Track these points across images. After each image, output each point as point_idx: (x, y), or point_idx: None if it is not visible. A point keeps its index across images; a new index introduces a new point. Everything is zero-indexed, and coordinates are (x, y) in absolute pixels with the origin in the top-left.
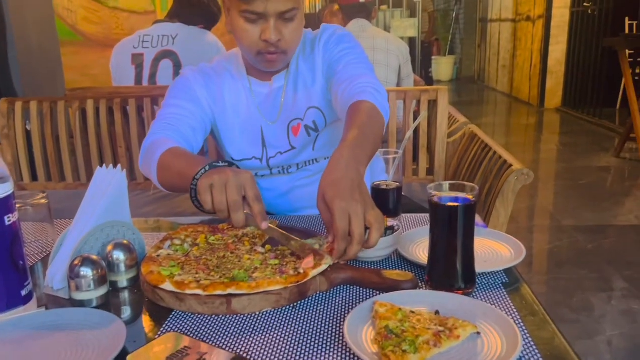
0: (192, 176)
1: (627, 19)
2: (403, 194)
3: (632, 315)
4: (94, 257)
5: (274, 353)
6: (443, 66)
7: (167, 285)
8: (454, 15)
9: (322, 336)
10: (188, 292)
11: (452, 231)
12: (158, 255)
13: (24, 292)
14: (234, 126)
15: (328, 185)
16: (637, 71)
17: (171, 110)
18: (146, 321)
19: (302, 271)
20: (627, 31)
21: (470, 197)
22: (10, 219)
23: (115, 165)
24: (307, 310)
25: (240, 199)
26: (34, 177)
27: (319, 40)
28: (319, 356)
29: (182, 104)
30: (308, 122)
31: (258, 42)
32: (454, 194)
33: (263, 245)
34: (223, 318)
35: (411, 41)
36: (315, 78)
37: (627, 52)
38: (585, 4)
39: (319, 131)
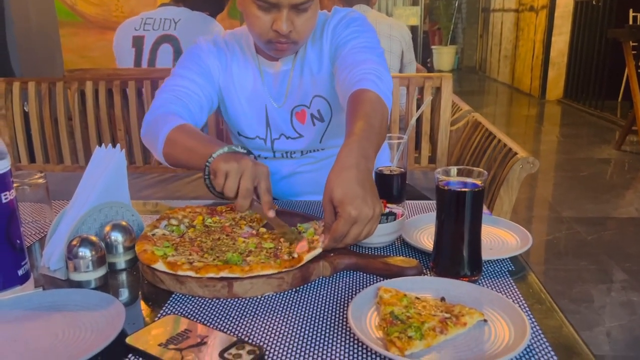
0: (209, 154)
1: (631, 10)
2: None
3: (631, 307)
4: (93, 237)
5: (275, 337)
6: (444, 56)
7: (160, 265)
8: (456, 4)
9: (325, 321)
10: (180, 273)
11: (459, 217)
12: (153, 234)
13: (20, 272)
14: (240, 102)
15: (338, 187)
16: None
17: (180, 82)
18: (145, 303)
19: (295, 255)
20: (631, 22)
21: (478, 182)
22: (7, 197)
23: None
24: (310, 295)
25: (252, 188)
26: (32, 159)
27: (328, 24)
28: (322, 341)
29: (192, 77)
30: (313, 110)
31: (269, 31)
32: (461, 179)
33: (258, 230)
34: (224, 301)
35: (413, 29)
36: (321, 64)
37: (631, 43)
38: None
39: (324, 121)
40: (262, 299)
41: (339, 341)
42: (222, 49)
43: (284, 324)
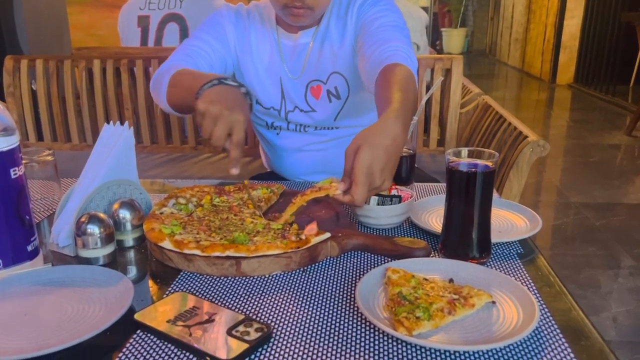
0: (199, 88)
1: None
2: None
3: (638, 293)
4: (101, 214)
5: (283, 316)
6: (454, 38)
7: (167, 244)
8: None
9: (332, 300)
10: (186, 251)
11: (470, 198)
12: (161, 213)
13: (30, 248)
14: (257, 71)
15: (369, 147)
16: None
17: (196, 42)
18: (153, 281)
19: (303, 237)
20: None
21: (489, 163)
22: (16, 172)
23: None
24: (318, 274)
25: (224, 135)
26: (40, 137)
27: (354, 1)
28: (329, 320)
29: (207, 39)
30: (330, 87)
31: None
32: (472, 161)
33: (267, 211)
34: (231, 280)
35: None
36: (343, 41)
37: None
38: None
39: (340, 99)
40: (270, 277)
41: (346, 320)
42: (242, 17)
43: (292, 303)
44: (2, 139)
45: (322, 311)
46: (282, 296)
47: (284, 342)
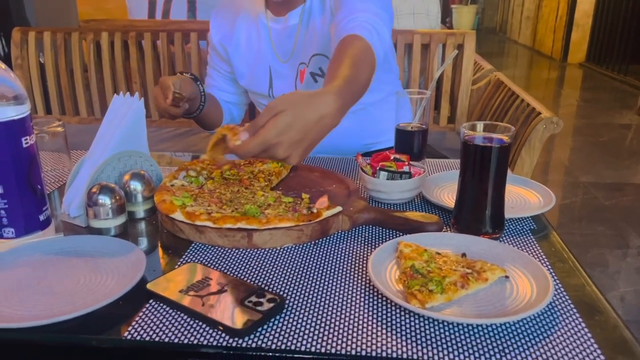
0: None
1: None
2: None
3: None
4: (113, 185)
5: (295, 287)
6: (464, 15)
7: (178, 215)
8: None
9: (344, 273)
10: (198, 223)
11: (484, 173)
12: (172, 185)
13: (42, 217)
14: (245, 59)
15: (290, 115)
16: None
17: (210, 72)
18: (164, 252)
19: (315, 211)
20: None
21: (505, 138)
22: (27, 141)
23: None
24: (329, 247)
25: (163, 101)
26: (48, 110)
27: None
28: (342, 292)
29: (212, 67)
30: (313, 69)
31: None
32: (487, 135)
33: (277, 185)
34: (243, 252)
35: None
36: (324, 19)
37: None
38: None
39: None
40: (282, 250)
41: (358, 293)
42: (227, 13)
43: (304, 274)
44: (13, 107)
45: (335, 283)
46: (294, 268)
47: (297, 313)
